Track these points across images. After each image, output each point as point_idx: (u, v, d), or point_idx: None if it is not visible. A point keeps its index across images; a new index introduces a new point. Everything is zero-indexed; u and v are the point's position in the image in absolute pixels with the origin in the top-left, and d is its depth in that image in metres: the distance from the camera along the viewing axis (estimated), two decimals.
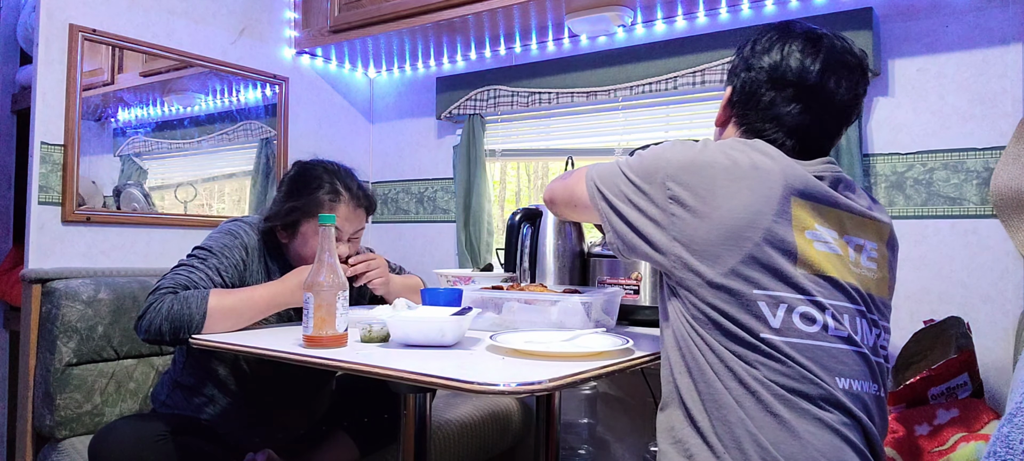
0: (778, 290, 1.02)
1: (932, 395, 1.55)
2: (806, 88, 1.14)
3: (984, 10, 1.82)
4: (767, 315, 1.01)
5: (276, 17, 2.62)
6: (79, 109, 2.04)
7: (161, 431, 1.49)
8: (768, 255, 1.01)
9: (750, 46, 1.20)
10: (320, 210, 1.59)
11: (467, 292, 1.51)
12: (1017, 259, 1.77)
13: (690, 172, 1.06)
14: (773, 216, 1.02)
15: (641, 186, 1.10)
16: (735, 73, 1.21)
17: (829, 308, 1.03)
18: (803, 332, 1.02)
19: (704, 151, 1.08)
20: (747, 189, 1.04)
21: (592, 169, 1.20)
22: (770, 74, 1.15)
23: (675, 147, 1.11)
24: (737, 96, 1.20)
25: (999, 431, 0.63)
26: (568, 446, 2.30)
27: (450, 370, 1.03)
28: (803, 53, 1.14)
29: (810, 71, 1.13)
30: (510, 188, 2.99)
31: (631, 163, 1.15)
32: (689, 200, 1.05)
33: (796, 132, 1.15)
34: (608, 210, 1.14)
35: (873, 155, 1.96)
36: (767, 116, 1.16)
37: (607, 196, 1.15)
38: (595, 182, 1.18)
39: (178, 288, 1.43)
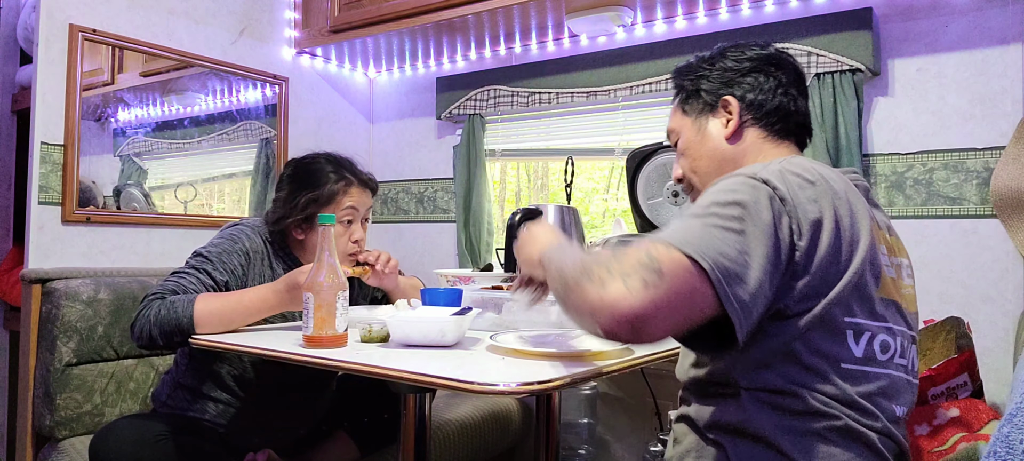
0: (862, 317, 0.95)
1: (932, 395, 1.55)
2: (801, 76, 1.16)
3: (984, 10, 1.82)
4: (851, 344, 0.94)
5: (276, 17, 2.62)
6: (79, 109, 2.04)
7: (161, 431, 1.49)
8: (865, 280, 0.94)
9: (711, 59, 1.18)
10: (335, 197, 1.63)
11: (467, 292, 1.51)
12: (1017, 259, 1.77)
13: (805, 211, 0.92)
14: (870, 236, 0.96)
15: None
16: (727, 80, 1.15)
17: (899, 334, 0.99)
18: (879, 361, 0.96)
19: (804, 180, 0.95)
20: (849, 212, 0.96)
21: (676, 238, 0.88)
22: (776, 66, 1.14)
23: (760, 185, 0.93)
24: (755, 95, 1.13)
25: (999, 431, 0.63)
26: (568, 446, 2.30)
27: (450, 370, 1.02)
28: (769, 51, 1.17)
29: (794, 61, 1.17)
30: (510, 188, 2.99)
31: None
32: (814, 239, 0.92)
33: (809, 124, 1.17)
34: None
35: (873, 155, 1.96)
36: (796, 106, 1.15)
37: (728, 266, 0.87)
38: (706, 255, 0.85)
39: (167, 294, 1.43)
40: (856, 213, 0.96)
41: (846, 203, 0.95)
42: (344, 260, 1.64)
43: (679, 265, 0.84)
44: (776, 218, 0.89)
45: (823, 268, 0.91)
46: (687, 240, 0.86)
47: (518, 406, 2.30)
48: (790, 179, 0.93)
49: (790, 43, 1.99)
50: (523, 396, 1.80)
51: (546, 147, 2.61)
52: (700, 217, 0.90)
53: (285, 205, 1.64)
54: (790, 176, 0.94)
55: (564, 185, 2.18)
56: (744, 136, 1.14)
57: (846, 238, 0.93)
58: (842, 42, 1.90)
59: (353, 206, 1.65)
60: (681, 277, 0.83)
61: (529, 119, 2.60)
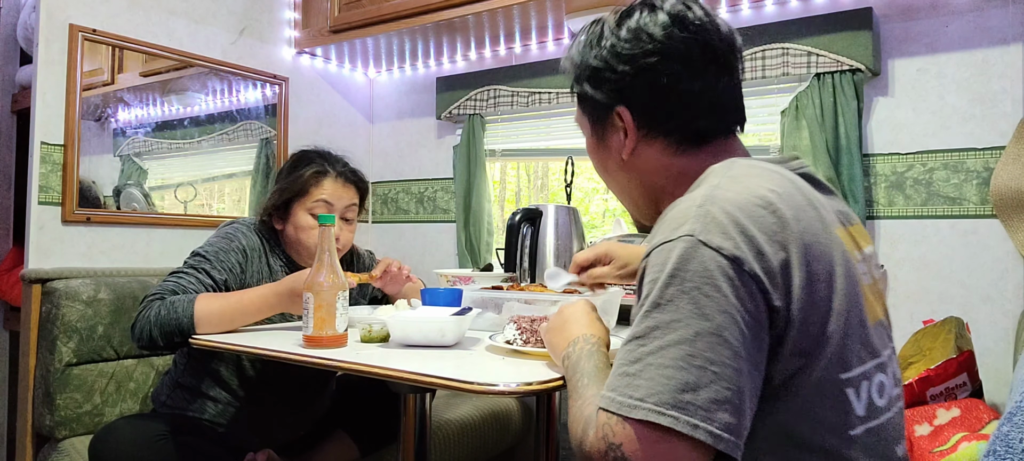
0: (858, 365, 0.77)
1: (931, 395, 1.55)
2: (720, 49, 0.89)
3: (984, 10, 1.82)
4: (854, 403, 0.76)
5: (276, 17, 2.62)
6: (79, 109, 2.04)
7: (161, 431, 1.49)
8: (852, 314, 0.76)
9: (598, 54, 0.91)
10: (307, 187, 1.60)
11: (467, 292, 1.51)
12: (1017, 259, 1.77)
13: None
14: (846, 262, 0.78)
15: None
16: (617, 88, 0.90)
17: (889, 363, 0.83)
18: (879, 407, 0.79)
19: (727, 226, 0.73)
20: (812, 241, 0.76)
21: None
22: (676, 54, 0.86)
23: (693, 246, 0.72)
24: (648, 103, 0.89)
25: (999, 430, 0.63)
26: (568, 446, 2.30)
27: (450, 370, 1.02)
28: (675, 17, 0.87)
29: (701, 29, 0.87)
30: (510, 188, 2.99)
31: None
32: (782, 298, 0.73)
33: (739, 107, 0.93)
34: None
35: (873, 155, 1.96)
36: (706, 102, 0.88)
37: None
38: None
39: (167, 294, 1.43)
40: (823, 223, 0.78)
41: (808, 214, 0.77)
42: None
43: (635, 437, 0.68)
44: (736, 292, 0.70)
45: (804, 319, 0.72)
46: (628, 394, 0.69)
47: (518, 406, 2.30)
48: (735, 217, 0.72)
49: (790, 43, 1.99)
50: (523, 396, 1.80)
51: (546, 147, 2.61)
52: (644, 340, 0.71)
53: (269, 195, 1.66)
54: (733, 212, 0.73)
55: (564, 185, 2.18)
56: (644, 152, 0.92)
57: (822, 268, 0.74)
58: (842, 42, 1.90)
59: (325, 200, 1.61)
60: (646, 453, 0.67)
61: (529, 119, 2.60)
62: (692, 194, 0.79)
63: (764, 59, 2.03)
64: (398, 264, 1.64)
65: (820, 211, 0.80)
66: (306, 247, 1.62)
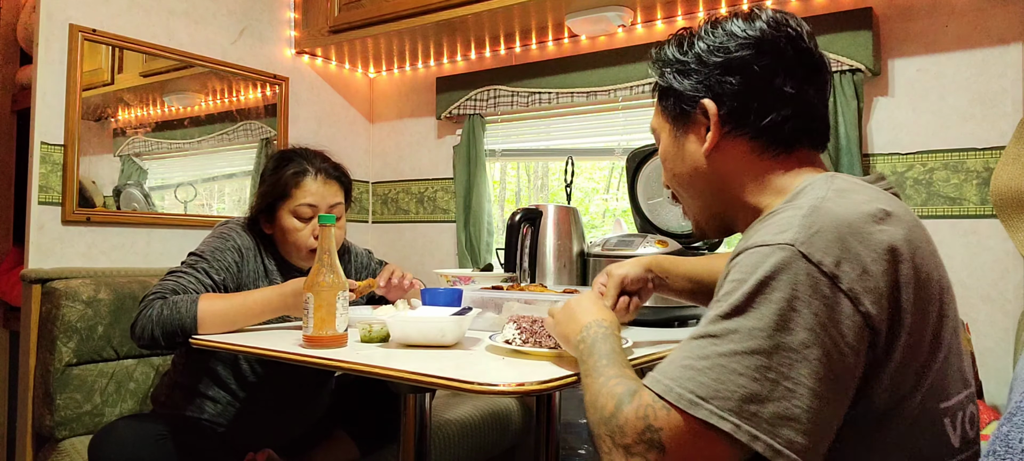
0: (955, 394, 0.74)
1: None
2: (811, 59, 0.87)
3: (984, 10, 1.82)
4: (949, 434, 0.74)
5: (276, 17, 2.62)
6: (79, 109, 2.04)
7: (161, 431, 1.49)
8: (954, 350, 0.74)
9: (689, 48, 0.90)
10: (288, 189, 1.59)
11: (467, 292, 1.51)
12: (1017, 259, 1.77)
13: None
14: (949, 285, 0.76)
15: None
16: (706, 81, 0.88)
17: (974, 396, 0.80)
18: (970, 439, 0.76)
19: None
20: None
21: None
22: (768, 52, 0.85)
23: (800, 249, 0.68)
24: (738, 99, 0.86)
25: (999, 430, 0.63)
26: (568, 446, 2.30)
27: (450, 370, 1.02)
28: (773, 22, 0.87)
29: (797, 36, 0.86)
30: (510, 188, 2.99)
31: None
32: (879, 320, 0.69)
33: (827, 125, 0.90)
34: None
35: (873, 155, 1.96)
36: (799, 106, 0.85)
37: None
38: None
39: (167, 294, 1.43)
40: (931, 246, 0.75)
41: (918, 234, 0.73)
42: (308, 257, 1.60)
43: (681, 428, 0.66)
44: (830, 312, 0.66)
45: (912, 342, 0.69)
46: (690, 388, 0.66)
47: (518, 406, 2.30)
48: (842, 233, 0.68)
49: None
50: (523, 396, 1.80)
51: (546, 147, 2.61)
52: (716, 338, 0.68)
53: (254, 199, 1.66)
54: (841, 227, 0.69)
55: (564, 185, 2.18)
56: (727, 151, 0.88)
57: (933, 290, 0.71)
58: (842, 42, 1.90)
59: (309, 202, 1.59)
60: (686, 443, 0.65)
61: (529, 119, 2.60)
62: (796, 202, 0.75)
63: None
64: (401, 273, 1.63)
65: (926, 232, 0.77)
66: (297, 249, 1.61)
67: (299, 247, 1.60)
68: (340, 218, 1.67)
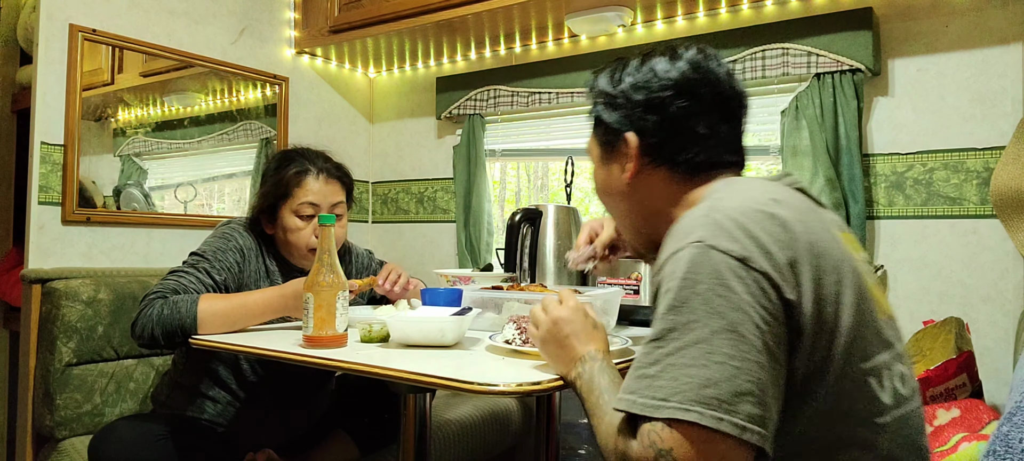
0: (881, 353, 0.81)
1: (931, 396, 1.55)
2: (727, 98, 0.96)
3: (984, 10, 1.82)
4: (877, 392, 0.79)
5: (276, 17, 2.62)
6: (79, 109, 2.04)
7: (161, 431, 1.49)
8: (863, 313, 0.80)
9: (619, 83, 0.97)
10: (290, 188, 1.59)
11: (467, 292, 1.51)
12: (1017, 259, 1.77)
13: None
14: (849, 258, 0.82)
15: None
16: (629, 116, 0.96)
17: (904, 356, 0.85)
18: (903, 397, 0.82)
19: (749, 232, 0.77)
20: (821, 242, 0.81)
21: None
22: (686, 95, 0.93)
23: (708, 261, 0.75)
24: (656, 135, 0.94)
25: (999, 430, 0.63)
26: (568, 446, 2.30)
27: (450, 370, 1.02)
28: (693, 64, 0.95)
29: (716, 79, 0.95)
30: (510, 188, 2.99)
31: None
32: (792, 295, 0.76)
33: (740, 148, 0.98)
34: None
35: (873, 155, 1.96)
36: (711, 141, 0.94)
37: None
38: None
39: (168, 293, 1.43)
40: (824, 224, 0.83)
41: (809, 217, 0.82)
42: (310, 256, 1.59)
43: (685, 441, 0.69)
44: (748, 289, 0.73)
45: (818, 311, 0.76)
46: (648, 394, 0.72)
47: (518, 406, 2.30)
48: (740, 221, 0.77)
49: (790, 43, 1.99)
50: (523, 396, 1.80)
51: (546, 147, 2.61)
52: (654, 344, 0.75)
53: (255, 199, 1.65)
54: (738, 217, 0.77)
55: (564, 185, 2.18)
56: (646, 179, 0.97)
57: (829, 262, 0.79)
58: (842, 42, 1.90)
59: (310, 201, 1.59)
60: (697, 452, 0.69)
61: (529, 119, 2.60)
62: (696, 207, 0.83)
63: (764, 59, 2.03)
64: (399, 272, 1.63)
65: (820, 214, 0.86)
66: (298, 248, 1.61)
67: (300, 246, 1.60)
68: (341, 217, 1.66)
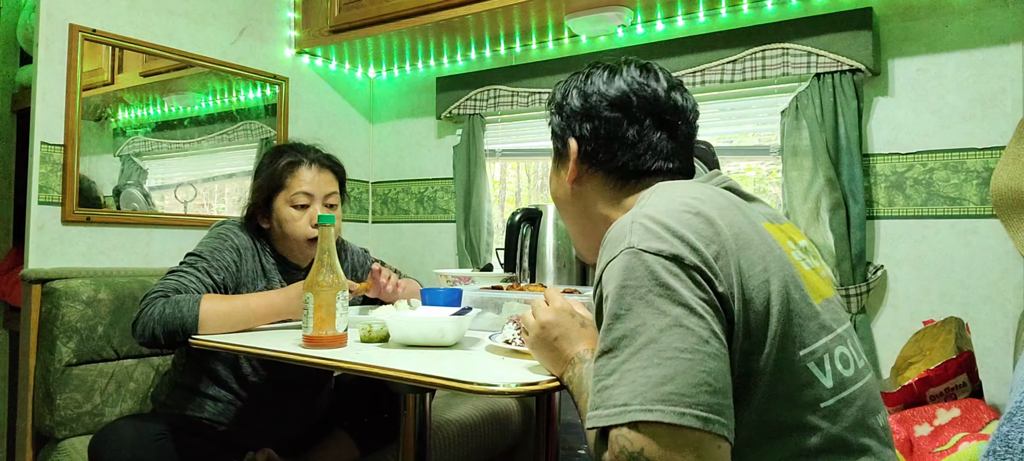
0: (818, 338, 0.82)
1: (931, 396, 1.55)
2: (662, 110, 1.00)
3: (984, 10, 1.82)
4: (818, 376, 0.80)
5: (276, 17, 2.62)
6: (79, 109, 2.04)
7: (161, 431, 1.49)
8: (794, 301, 0.82)
9: (566, 94, 1.05)
10: (284, 179, 1.61)
11: (467, 292, 1.51)
12: (1017, 259, 1.77)
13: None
14: (776, 249, 0.84)
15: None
16: (570, 124, 1.03)
17: (846, 337, 0.87)
18: (847, 379, 0.83)
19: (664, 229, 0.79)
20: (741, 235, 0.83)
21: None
22: (618, 106, 0.99)
23: (631, 259, 0.77)
24: (592, 142, 1.00)
25: (999, 430, 0.63)
26: (568, 446, 2.30)
27: (450, 370, 1.02)
28: (629, 81, 1.00)
29: (659, 93, 1.00)
30: (510, 188, 2.99)
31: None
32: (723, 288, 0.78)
33: (674, 156, 1.01)
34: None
35: (873, 155, 1.96)
36: (640, 148, 0.99)
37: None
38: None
39: (170, 292, 1.43)
40: (748, 218, 0.85)
41: (730, 213, 0.84)
42: (307, 247, 1.62)
43: (654, 442, 0.70)
44: (684, 284, 0.75)
45: (746, 300, 0.78)
46: (611, 402, 0.72)
47: (518, 406, 2.30)
48: (665, 222, 0.79)
49: (790, 43, 1.99)
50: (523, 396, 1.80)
51: (546, 147, 2.61)
52: (607, 356, 0.76)
53: (250, 195, 1.67)
54: (662, 218, 0.79)
55: None
56: (587, 182, 1.03)
57: (755, 254, 0.80)
58: (842, 42, 1.90)
59: (305, 191, 1.61)
60: (668, 453, 0.70)
61: (529, 119, 2.59)
62: (626, 216, 0.85)
63: (764, 59, 2.03)
64: (387, 274, 1.64)
65: (743, 209, 0.88)
66: (294, 240, 1.62)
67: (297, 237, 1.61)
68: (335, 208, 1.68)
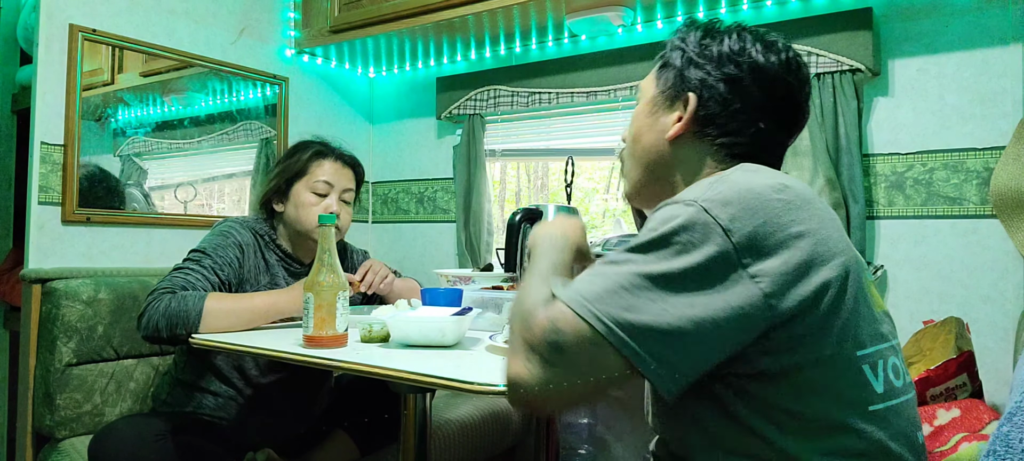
0: (875, 344, 0.81)
1: (931, 396, 1.55)
2: (791, 107, 0.95)
3: (984, 10, 1.82)
4: (870, 380, 0.79)
5: (276, 17, 2.62)
6: (79, 109, 2.04)
7: (161, 431, 1.49)
8: (861, 296, 0.80)
9: (703, 38, 0.95)
10: (308, 166, 1.68)
11: (467, 292, 1.51)
12: (1017, 259, 1.77)
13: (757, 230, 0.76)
14: (850, 249, 0.82)
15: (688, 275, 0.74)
16: (702, 72, 0.93)
17: (898, 349, 0.85)
18: (896, 389, 0.81)
19: (749, 192, 0.78)
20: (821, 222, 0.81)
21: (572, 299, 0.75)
22: (763, 83, 0.91)
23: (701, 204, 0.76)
24: (708, 104, 0.92)
25: (999, 430, 0.63)
26: (568, 446, 2.30)
27: (450, 370, 1.02)
28: (785, 64, 0.93)
29: (797, 89, 0.94)
30: (510, 188, 2.99)
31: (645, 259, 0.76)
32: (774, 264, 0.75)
33: (777, 161, 0.97)
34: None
35: (873, 155, 1.96)
36: (757, 138, 0.93)
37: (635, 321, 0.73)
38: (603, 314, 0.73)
39: (177, 289, 1.45)
40: (831, 214, 0.84)
41: (816, 205, 0.82)
42: (314, 231, 1.65)
43: (579, 334, 0.72)
44: (723, 259, 0.74)
45: (809, 296, 0.75)
46: (588, 298, 0.73)
47: None
48: (741, 194, 0.77)
49: (790, 43, 1.98)
50: None
51: (546, 147, 2.61)
52: (616, 264, 0.76)
53: (266, 178, 1.73)
54: (741, 190, 0.77)
55: (564, 185, 2.18)
56: (686, 145, 0.95)
57: (828, 254, 0.78)
58: (842, 42, 1.90)
59: (326, 180, 1.68)
60: (583, 349, 0.72)
61: (529, 119, 2.59)
62: (705, 181, 0.83)
63: None
64: (376, 270, 1.70)
65: (825, 204, 0.85)
66: (305, 226, 1.65)
67: (311, 221, 1.66)
68: (350, 204, 1.74)
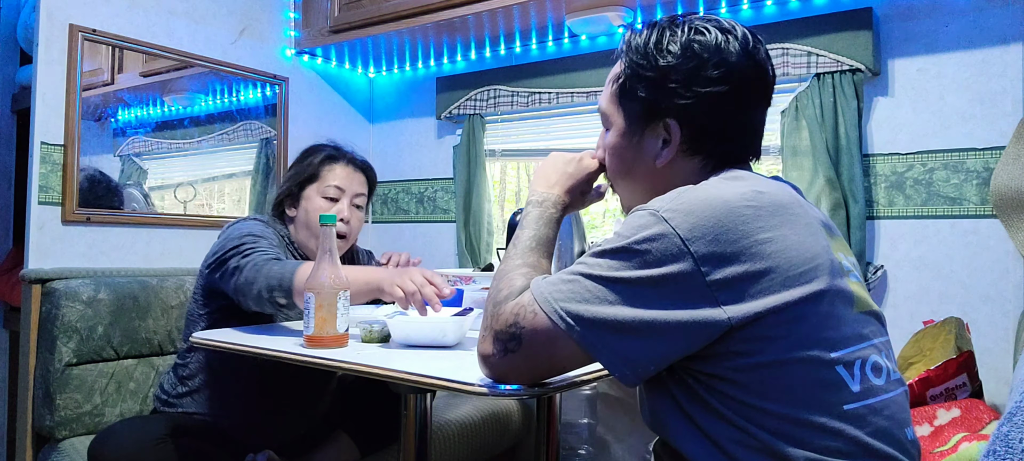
0: (853, 345, 0.81)
1: (931, 396, 1.55)
2: (766, 82, 0.94)
3: (984, 10, 1.82)
4: (845, 380, 0.79)
5: (276, 17, 2.62)
6: (79, 109, 2.04)
7: (161, 433, 1.49)
8: (834, 305, 0.81)
9: (660, 44, 0.92)
10: (319, 170, 1.68)
11: (467, 292, 1.51)
12: (1017, 259, 1.77)
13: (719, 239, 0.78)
14: (826, 251, 0.83)
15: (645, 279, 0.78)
16: (666, 91, 0.90)
17: (883, 348, 0.85)
18: (877, 387, 0.82)
19: (716, 203, 0.80)
20: (796, 229, 0.82)
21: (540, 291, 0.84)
22: (731, 77, 0.89)
23: (666, 215, 0.79)
24: (693, 126, 0.91)
25: (999, 430, 0.63)
26: (568, 446, 2.30)
27: (450, 371, 1.02)
28: (742, 44, 0.90)
29: (765, 59, 0.93)
30: (510, 188, 2.99)
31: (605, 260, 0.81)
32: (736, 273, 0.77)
33: (761, 139, 0.97)
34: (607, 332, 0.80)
35: (873, 155, 1.96)
36: (749, 133, 0.94)
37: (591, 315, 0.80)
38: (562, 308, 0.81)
39: (270, 256, 1.42)
40: (807, 219, 0.84)
41: (793, 210, 0.83)
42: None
43: (539, 328, 0.82)
44: (681, 269, 0.77)
45: (773, 304, 0.77)
46: (554, 297, 0.82)
47: (518, 406, 2.30)
48: (706, 202, 0.79)
49: (790, 43, 1.99)
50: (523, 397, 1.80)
51: (546, 147, 2.61)
52: (585, 266, 0.82)
53: (282, 182, 1.73)
54: (705, 198, 0.80)
55: None
56: (678, 165, 0.94)
57: (802, 256, 0.79)
58: (842, 42, 1.90)
59: (338, 185, 1.68)
60: (540, 342, 0.83)
61: (529, 119, 2.59)
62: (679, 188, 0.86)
63: None
64: (403, 257, 1.71)
65: (805, 208, 0.86)
66: (317, 230, 1.64)
67: (318, 229, 1.64)
68: (360, 208, 1.74)
